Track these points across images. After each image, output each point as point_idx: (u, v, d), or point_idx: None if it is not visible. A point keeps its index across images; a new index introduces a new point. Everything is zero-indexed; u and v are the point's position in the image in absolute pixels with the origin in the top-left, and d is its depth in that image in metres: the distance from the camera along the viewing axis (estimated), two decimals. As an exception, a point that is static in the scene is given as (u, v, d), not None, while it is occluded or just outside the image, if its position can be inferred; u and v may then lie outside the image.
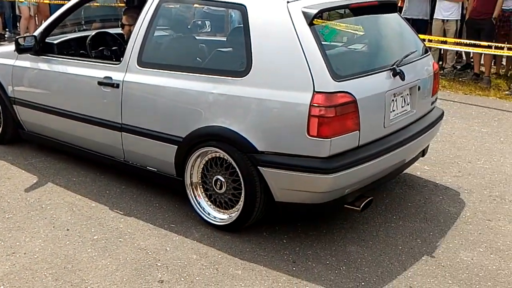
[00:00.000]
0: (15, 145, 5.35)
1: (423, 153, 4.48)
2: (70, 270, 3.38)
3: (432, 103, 4.41)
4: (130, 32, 4.33)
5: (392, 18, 4.35)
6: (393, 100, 3.75)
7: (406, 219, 4.10)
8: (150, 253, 3.58)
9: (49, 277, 3.31)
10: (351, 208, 3.70)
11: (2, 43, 10.71)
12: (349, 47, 4.19)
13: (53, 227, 3.89)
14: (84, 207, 4.18)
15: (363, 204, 3.67)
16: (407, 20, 8.62)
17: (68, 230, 3.85)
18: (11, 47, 4.93)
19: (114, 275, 3.34)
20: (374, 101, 3.60)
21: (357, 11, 4.03)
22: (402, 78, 3.77)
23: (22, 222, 3.95)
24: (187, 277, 3.34)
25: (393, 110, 3.78)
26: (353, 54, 4.09)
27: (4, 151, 5.25)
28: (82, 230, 3.85)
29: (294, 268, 3.45)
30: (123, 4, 5.93)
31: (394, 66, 3.75)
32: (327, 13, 4.06)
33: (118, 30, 5.23)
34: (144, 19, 4.11)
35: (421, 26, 9.22)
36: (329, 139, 3.34)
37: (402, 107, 3.89)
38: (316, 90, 3.32)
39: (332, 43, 3.90)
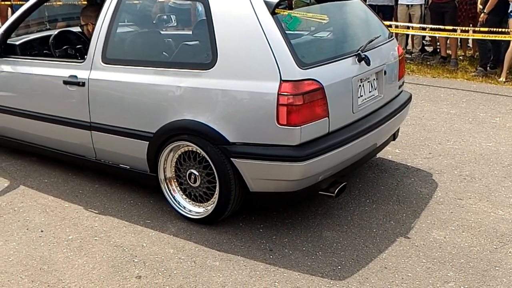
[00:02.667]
0: (-16, 150, 5.28)
1: (394, 136, 4.53)
2: (46, 271, 3.36)
3: (399, 87, 4.46)
4: (92, 30, 4.27)
5: (356, 5, 4.38)
6: (360, 85, 3.79)
7: (379, 202, 4.16)
8: (126, 249, 3.57)
9: (25, 279, 3.28)
10: (326, 194, 3.73)
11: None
12: (313, 35, 4.21)
13: (27, 229, 3.86)
14: (57, 208, 4.14)
15: (337, 190, 3.71)
16: (373, 6, 8.74)
17: (42, 231, 3.82)
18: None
19: (91, 274, 3.32)
20: (341, 87, 3.63)
21: None
22: (368, 63, 3.80)
23: (-5, 226, 3.92)
24: (165, 271, 3.34)
25: (361, 95, 3.81)
26: (318, 41, 4.11)
27: (-27, 156, 5.18)
28: (57, 231, 3.82)
29: (271, 256, 3.48)
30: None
31: (359, 51, 3.79)
32: (291, 1, 4.07)
33: (84, 28, 5.17)
34: (105, 15, 4.07)
35: (386, 11, 9.32)
36: (299, 127, 3.36)
37: (369, 92, 3.93)
38: (283, 78, 3.34)
39: (296, 32, 3.92)
